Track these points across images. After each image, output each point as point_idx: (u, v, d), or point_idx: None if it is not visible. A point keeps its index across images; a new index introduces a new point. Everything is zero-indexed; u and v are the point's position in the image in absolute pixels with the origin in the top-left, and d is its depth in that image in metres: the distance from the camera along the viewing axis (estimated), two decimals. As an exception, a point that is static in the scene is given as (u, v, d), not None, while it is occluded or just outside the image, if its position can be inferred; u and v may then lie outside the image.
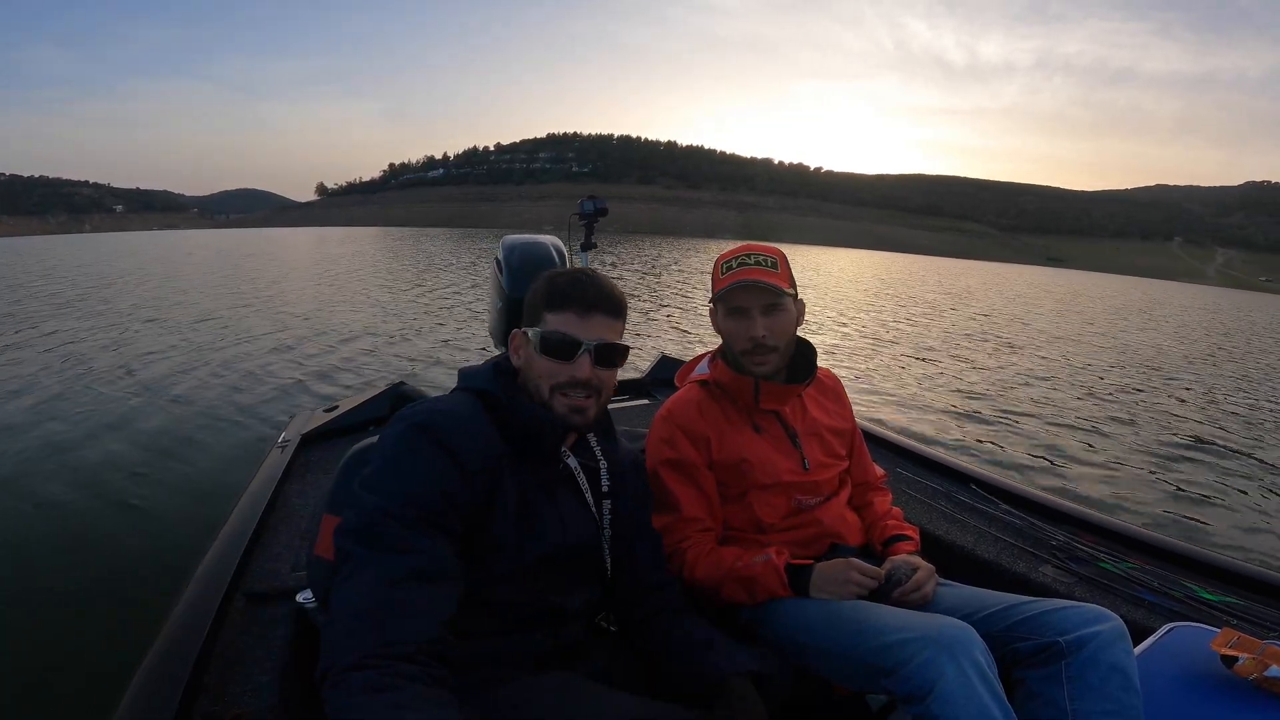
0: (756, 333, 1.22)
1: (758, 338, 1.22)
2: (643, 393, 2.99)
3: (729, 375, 1.28)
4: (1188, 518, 4.23)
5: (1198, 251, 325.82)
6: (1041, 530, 1.72)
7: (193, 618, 1.17)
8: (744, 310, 1.23)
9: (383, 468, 0.87)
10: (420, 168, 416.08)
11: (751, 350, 1.24)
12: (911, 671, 0.88)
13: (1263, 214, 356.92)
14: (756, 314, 1.22)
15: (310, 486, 1.90)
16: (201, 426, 4.82)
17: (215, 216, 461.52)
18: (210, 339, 8.41)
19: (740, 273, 1.23)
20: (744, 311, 1.23)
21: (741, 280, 1.21)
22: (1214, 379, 9.84)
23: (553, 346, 0.97)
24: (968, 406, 6.75)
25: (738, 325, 1.24)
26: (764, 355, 1.23)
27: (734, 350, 1.27)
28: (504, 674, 0.89)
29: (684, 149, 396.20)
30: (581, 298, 0.97)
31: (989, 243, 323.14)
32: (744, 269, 1.23)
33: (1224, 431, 6.58)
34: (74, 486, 3.71)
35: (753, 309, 1.22)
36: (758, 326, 1.22)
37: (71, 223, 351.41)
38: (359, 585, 0.77)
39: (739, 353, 1.26)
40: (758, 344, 1.23)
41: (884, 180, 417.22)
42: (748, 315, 1.23)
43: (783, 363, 1.29)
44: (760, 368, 1.25)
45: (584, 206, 2.42)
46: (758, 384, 1.25)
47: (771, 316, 1.22)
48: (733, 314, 1.25)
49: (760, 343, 1.22)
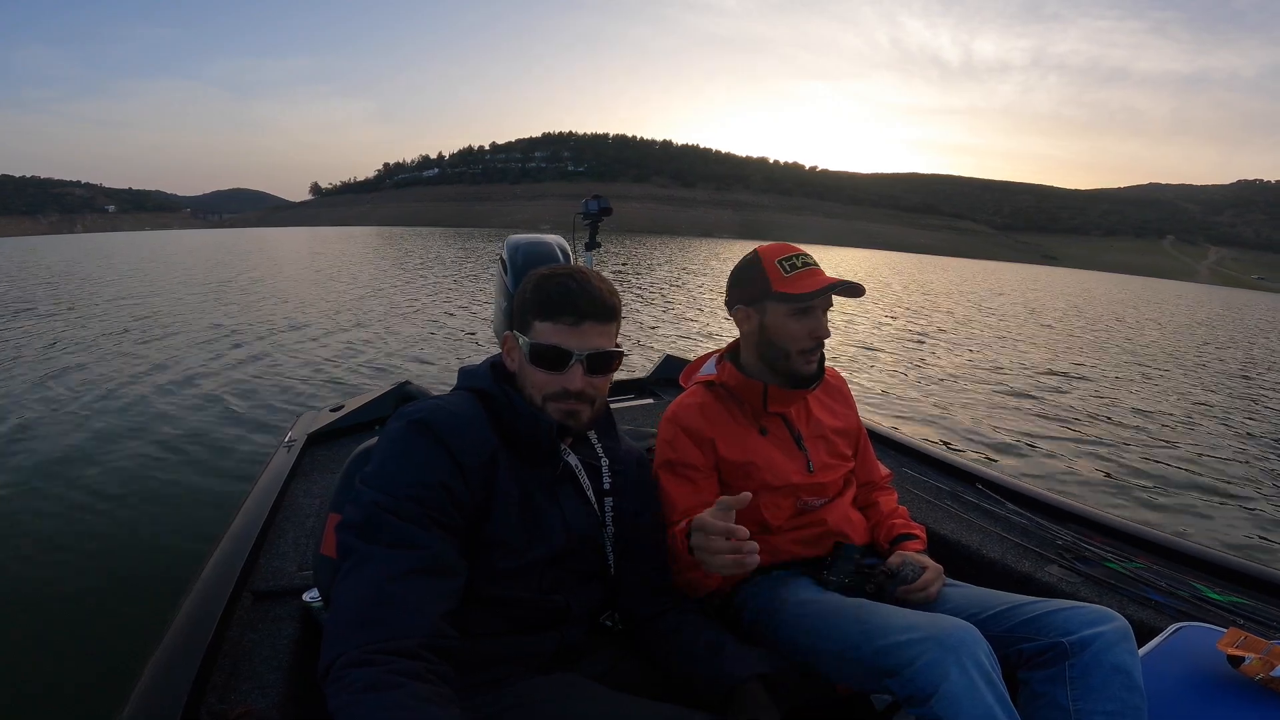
0: (824, 332, 1.24)
1: (824, 337, 1.25)
2: (646, 392, 2.98)
3: (737, 378, 1.28)
4: (1197, 514, 4.25)
5: (1190, 249, 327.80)
6: (1047, 530, 1.71)
7: (200, 615, 1.18)
8: (813, 309, 1.24)
9: (382, 464, 0.87)
10: (415, 167, 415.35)
11: (811, 349, 1.25)
12: (915, 673, 0.88)
13: (1255, 212, 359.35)
14: (822, 313, 1.24)
15: (316, 486, 1.90)
16: (208, 426, 4.81)
17: (208, 216, 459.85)
18: (216, 339, 8.37)
19: (809, 274, 1.24)
20: (812, 311, 1.24)
21: (831, 284, 1.22)
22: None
23: (543, 358, 0.95)
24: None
25: (803, 324, 1.24)
26: (816, 354, 1.26)
27: (791, 349, 1.25)
28: (508, 673, 0.88)
29: (679, 148, 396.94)
30: (574, 307, 0.94)
31: (984, 241, 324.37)
32: (809, 270, 1.24)
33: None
34: (83, 486, 3.70)
35: (820, 308, 1.24)
36: (824, 326, 1.24)
37: (63, 223, 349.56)
38: (360, 580, 0.77)
39: (797, 352, 1.25)
40: (817, 343, 1.25)
41: (880, 179, 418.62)
42: (814, 314, 1.24)
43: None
44: (808, 368, 1.26)
45: (588, 206, 2.43)
46: (766, 388, 1.26)
47: (826, 317, 1.26)
48: (800, 315, 1.25)
49: (821, 341, 1.25)
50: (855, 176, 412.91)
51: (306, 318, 10.40)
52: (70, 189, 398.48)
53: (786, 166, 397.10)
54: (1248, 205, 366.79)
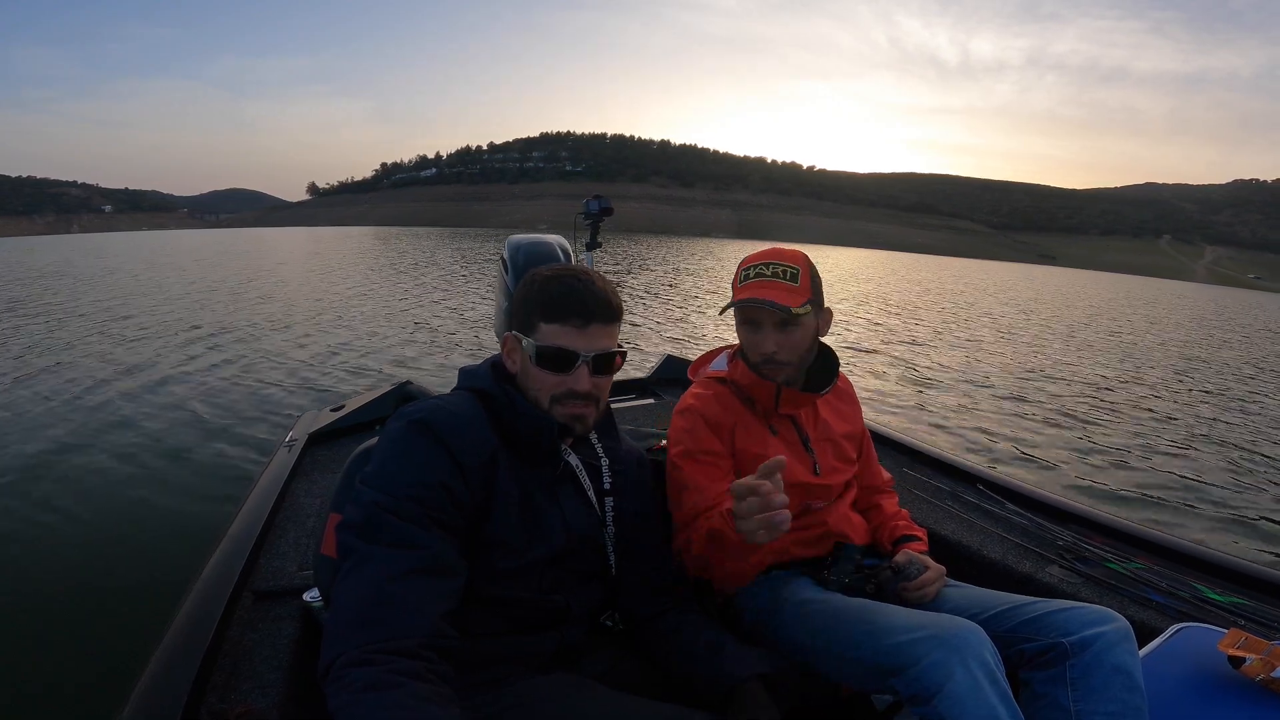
0: (766, 349, 1.20)
1: (767, 353, 1.20)
2: (647, 392, 2.98)
3: (750, 378, 1.26)
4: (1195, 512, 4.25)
5: (1187, 249, 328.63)
6: (1048, 530, 1.71)
7: (201, 615, 1.18)
8: (756, 323, 1.21)
9: (383, 464, 0.87)
10: (413, 167, 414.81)
11: (763, 363, 1.23)
12: (920, 672, 0.88)
13: (1251, 212, 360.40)
14: (769, 328, 1.19)
15: (317, 485, 1.90)
16: (209, 426, 4.79)
17: (205, 216, 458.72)
18: (216, 339, 8.35)
19: (755, 285, 1.19)
20: (757, 324, 1.21)
21: (748, 299, 1.19)
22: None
23: (550, 360, 0.95)
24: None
25: (750, 337, 1.23)
26: (775, 369, 1.22)
27: (752, 358, 1.25)
28: (508, 673, 0.88)
29: (677, 148, 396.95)
30: (581, 310, 0.94)
31: (982, 240, 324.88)
32: (760, 280, 1.20)
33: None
34: (85, 486, 3.70)
35: (765, 323, 1.20)
36: (768, 342, 1.19)
37: (59, 223, 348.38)
38: (360, 580, 0.77)
39: (753, 363, 1.25)
40: (767, 359, 1.22)
41: (878, 179, 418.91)
42: (760, 329, 1.20)
43: (800, 372, 1.27)
44: (774, 378, 1.24)
45: (589, 206, 2.43)
46: (779, 389, 1.24)
47: (785, 332, 1.19)
48: (745, 325, 1.24)
49: (770, 358, 1.20)
50: (853, 176, 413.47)
51: (307, 318, 10.37)
52: (67, 189, 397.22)
53: (785, 166, 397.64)
54: (1244, 205, 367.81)
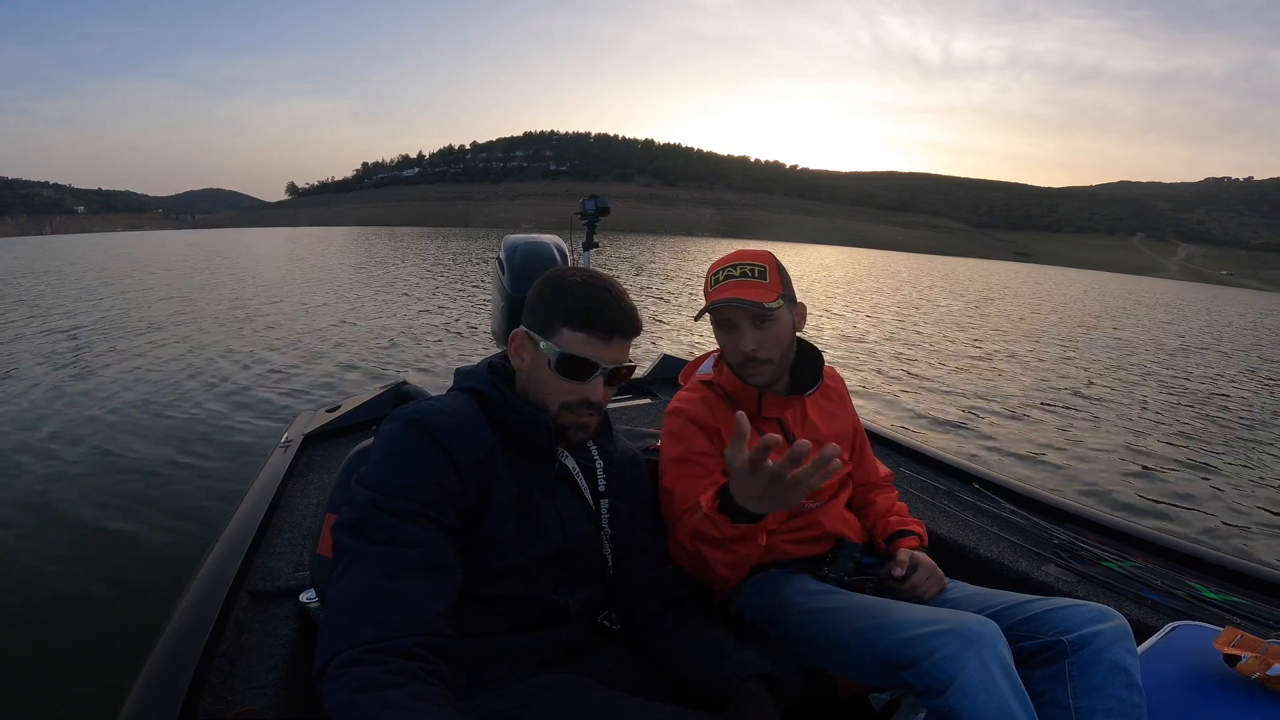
0: (745, 347, 1.19)
1: (747, 352, 1.19)
2: (644, 392, 2.99)
3: (733, 382, 1.26)
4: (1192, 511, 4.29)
5: (1160, 246, 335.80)
6: (1044, 529, 1.72)
7: (197, 616, 1.17)
8: (732, 324, 1.20)
9: (378, 463, 0.87)
10: (395, 166, 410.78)
11: (743, 364, 1.22)
12: (933, 664, 0.88)
13: (1222, 209, 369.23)
14: (745, 328, 1.19)
15: (313, 486, 1.90)
16: (205, 427, 4.74)
17: (180, 217, 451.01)
18: (211, 340, 8.23)
19: (725, 287, 1.20)
20: (732, 325, 1.21)
21: (722, 300, 1.19)
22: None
23: (570, 367, 0.94)
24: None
25: (727, 339, 1.23)
26: (756, 368, 1.21)
27: (731, 362, 1.25)
28: (507, 673, 0.89)
29: (661, 147, 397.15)
30: (608, 323, 0.95)
31: (960, 238, 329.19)
32: (730, 282, 1.20)
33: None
34: (80, 487, 3.65)
35: (740, 323, 1.20)
36: (746, 340, 1.19)
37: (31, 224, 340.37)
38: (356, 578, 0.76)
39: (733, 366, 1.25)
40: (748, 358, 1.21)
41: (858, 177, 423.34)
42: (736, 329, 1.20)
43: (782, 371, 1.26)
44: (756, 379, 1.23)
45: (587, 206, 2.43)
46: (762, 394, 1.24)
47: (761, 329, 1.19)
48: (721, 328, 1.24)
49: (750, 356, 1.20)
50: (834, 175, 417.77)
51: (302, 317, 10.27)
52: (38, 190, 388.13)
53: (767, 165, 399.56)
54: (1216, 203, 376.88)
